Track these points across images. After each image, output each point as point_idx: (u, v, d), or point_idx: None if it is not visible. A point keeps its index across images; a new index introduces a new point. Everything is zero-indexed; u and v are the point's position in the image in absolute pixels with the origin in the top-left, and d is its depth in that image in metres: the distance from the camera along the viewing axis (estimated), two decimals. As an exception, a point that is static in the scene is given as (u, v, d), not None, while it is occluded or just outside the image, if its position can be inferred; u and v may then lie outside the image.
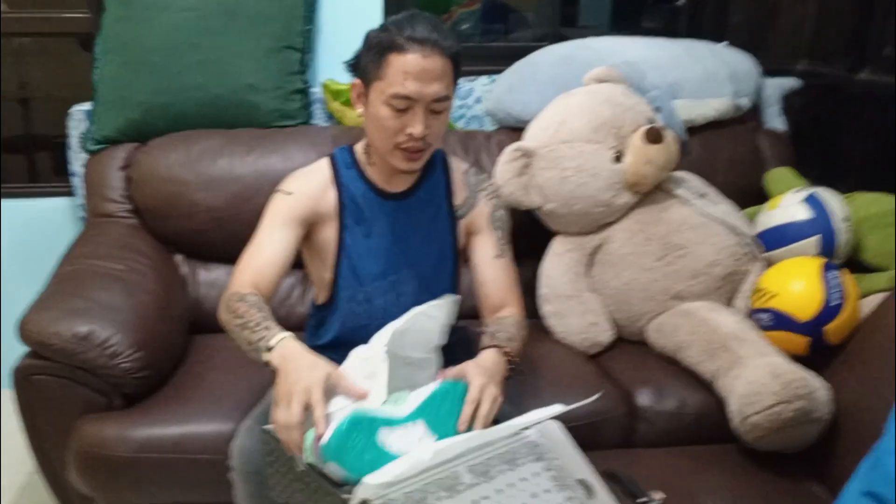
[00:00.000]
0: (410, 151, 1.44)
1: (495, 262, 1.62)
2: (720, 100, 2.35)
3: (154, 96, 2.23)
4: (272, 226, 1.51)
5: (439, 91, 1.40)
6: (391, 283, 1.57)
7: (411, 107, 1.40)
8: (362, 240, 1.55)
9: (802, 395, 1.58)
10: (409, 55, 1.37)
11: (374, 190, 1.56)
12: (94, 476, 1.66)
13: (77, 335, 1.66)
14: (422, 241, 1.58)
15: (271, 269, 1.46)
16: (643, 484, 1.56)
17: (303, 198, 1.52)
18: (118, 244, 2.04)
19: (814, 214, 1.98)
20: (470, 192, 1.62)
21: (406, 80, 1.38)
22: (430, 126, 1.43)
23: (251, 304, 1.37)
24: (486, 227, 1.62)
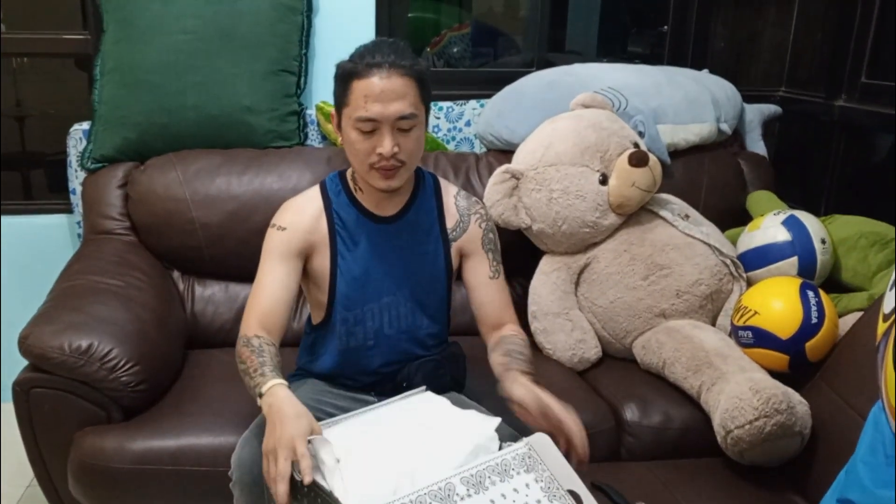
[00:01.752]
0: (385, 170, 1.48)
1: (491, 283, 1.67)
2: (702, 125, 2.42)
3: (152, 117, 2.27)
4: (271, 263, 1.54)
5: (402, 109, 1.44)
6: (385, 304, 1.61)
7: (378, 128, 1.44)
8: (355, 264, 1.58)
9: (782, 410, 1.63)
10: (368, 79, 1.43)
11: (365, 214, 1.59)
12: (93, 488, 1.69)
13: (77, 349, 1.69)
14: (414, 263, 1.61)
15: (276, 308, 1.51)
16: (629, 496, 1.61)
17: (297, 231, 1.55)
18: (116, 260, 2.07)
19: (793, 236, 2.05)
20: (461, 216, 1.65)
21: (367, 102, 1.43)
22: (400, 144, 1.46)
23: (253, 350, 1.42)
24: (479, 250, 1.66)
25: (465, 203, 1.67)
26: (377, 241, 1.59)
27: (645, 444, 1.85)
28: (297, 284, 1.56)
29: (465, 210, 1.66)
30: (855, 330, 1.77)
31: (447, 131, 2.57)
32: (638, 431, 1.86)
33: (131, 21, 2.29)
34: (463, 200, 1.67)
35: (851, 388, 1.68)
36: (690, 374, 1.86)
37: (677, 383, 1.91)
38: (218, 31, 2.31)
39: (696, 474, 1.73)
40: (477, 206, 1.69)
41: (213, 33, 2.30)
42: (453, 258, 1.65)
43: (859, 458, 1.08)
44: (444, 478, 1.22)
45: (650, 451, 1.84)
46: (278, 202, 2.14)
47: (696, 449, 1.81)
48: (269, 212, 2.13)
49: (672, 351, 1.94)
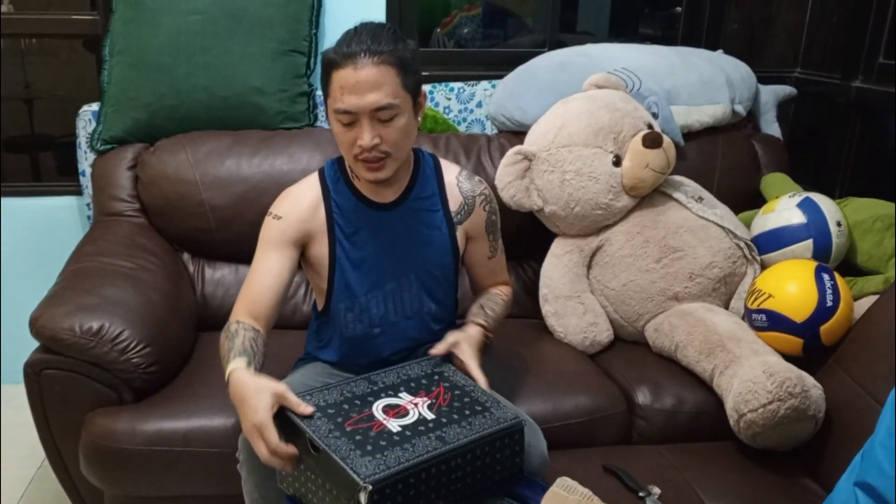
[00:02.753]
0: (368, 161, 1.44)
1: (488, 262, 1.70)
2: (716, 106, 2.40)
3: (161, 98, 2.26)
4: (265, 251, 1.53)
5: (378, 100, 1.39)
6: (389, 292, 1.59)
7: (357, 119, 1.40)
8: (354, 253, 1.56)
9: (796, 394, 1.62)
10: (343, 69, 1.38)
11: (364, 201, 1.56)
12: (104, 469, 1.69)
13: (88, 330, 1.69)
14: (418, 248, 1.59)
15: (266, 296, 1.49)
16: (641, 479, 1.60)
17: (292, 220, 1.53)
18: (126, 242, 2.07)
19: (808, 219, 2.02)
20: (465, 199, 1.62)
21: (343, 94, 1.39)
22: (382, 135, 1.42)
23: (228, 336, 1.42)
24: (482, 234, 1.66)
25: (469, 185, 1.63)
26: (377, 229, 1.56)
27: (656, 427, 1.84)
28: (290, 273, 1.54)
29: (468, 192, 1.62)
30: (871, 313, 1.76)
31: (458, 112, 2.55)
32: (650, 415, 1.85)
33: (140, 1, 2.28)
34: (466, 182, 1.63)
35: (866, 372, 1.66)
36: (703, 357, 1.85)
37: (690, 367, 1.90)
38: (227, 12, 2.29)
39: (708, 458, 1.72)
40: (480, 187, 1.65)
41: (223, 14, 2.29)
42: (460, 240, 1.63)
43: (878, 442, 1.07)
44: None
45: (662, 435, 1.83)
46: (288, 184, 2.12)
47: (708, 433, 1.81)
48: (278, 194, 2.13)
49: (685, 334, 1.92)
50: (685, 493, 1.59)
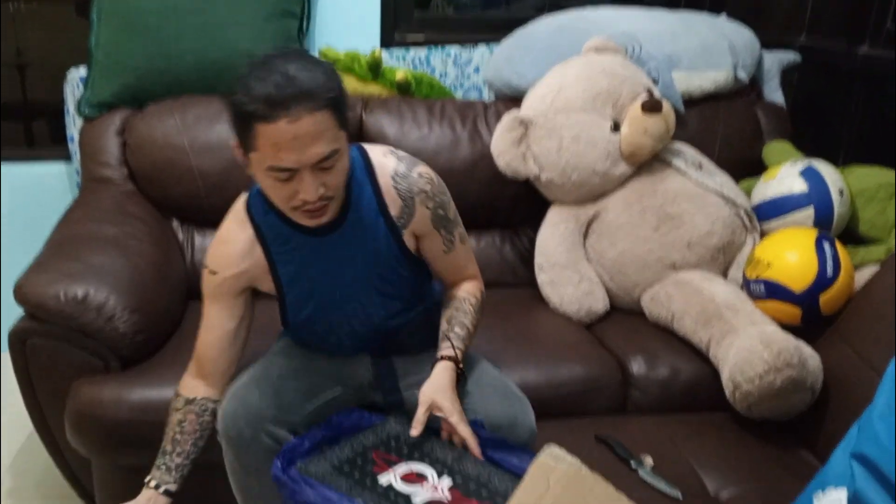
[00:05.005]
0: (311, 211, 1.29)
1: (444, 256, 1.52)
2: (718, 72, 2.35)
3: (150, 61, 2.22)
4: (207, 305, 1.48)
5: (321, 152, 1.22)
6: (351, 311, 1.49)
7: (296, 173, 1.23)
8: (303, 288, 1.46)
9: (793, 364, 1.59)
10: (275, 124, 1.18)
11: (302, 231, 1.40)
12: (91, 438, 1.67)
13: (73, 298, 1.66)
14: (368, 264, 1.45)
15: (212, 352, 1.47)
16: (634, 449, 1.58)
17: (227, 275, 1.44)
18: (114, 209, 2.03)
19: (810, 187, 1.98)
20: (404, 202, 1.43)
21: (279, 151, 1.20)
22: (325, 182, 1.26)
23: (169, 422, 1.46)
24: (430, 230, 1.48)
25: (405, 184, 1.43)
26: (322, 257, 1.43)
27: (651, 397, 1.82)
28: (238, 320, 1.48)
29: (406, 193, 1.43)
30: (872, 283, 1.73)
31: (455, 78, 2.50)
32: (644, 385, 1.82)
33: (128, -38, 2.22)
34: (402, 181, 1.43)
35: (866, 343, 1.64)
36: (699, 327, 1.82)
37: (686, 336, 1.87)
38: (218, -28, 2.23)
39: (703, 429, 1.70)
40: (420, 183, 1.44)
41: (213, -25, 2.23)
42: (408, 242, 1.47)
43: (876, 414, 1.04)
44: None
45: (656, 405, 1.81)
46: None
47: (703, 403, 1.79)
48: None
49: (681, 303, 1.89)
50: (678, 463, 1.57)
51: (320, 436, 1.39)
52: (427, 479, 1.31)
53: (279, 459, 1.31)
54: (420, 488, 1.28)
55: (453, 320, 1.50)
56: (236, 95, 1.21)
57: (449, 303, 1.54)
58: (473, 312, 1.52)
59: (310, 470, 1.30)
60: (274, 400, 1.42)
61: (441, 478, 1.31)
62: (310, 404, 1.48)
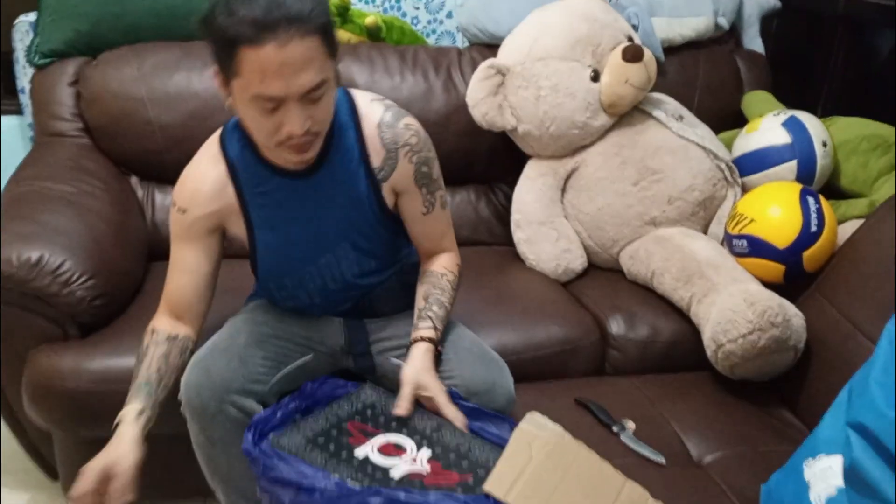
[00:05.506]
0: (296, 146, 1.23)
1: (424, 218, 1.45)
2: (700, 19, 2.28)
3: (104, 6, 2.08)
4: (177, 246, 1.40)
5: (310, 81, 1.16)
6: (324, 264, 1.43)
7: (282, 103, 1.17)
8: (276, 232, 1.39)
9: (777, 324, 1.56)
10: (262, 48, 1.11)
11: (278, 173, 1.34)
12: (50, 410, 1.59)
13: (27, 261, 1.57)
14: (345, 213, 1.40)
15: (185, 293, 1.40)
16: (614, 412, 1.55)
17: (198, 213, 1.36)
18: (69, 165, 1.93)
19: (793, 138, 1.94)
20: (388, 151, 1.37)
21: (265, 78, 1.13)
22: (312, 115, 1.20)
23: (139, 353, 1.37)
24: (412, 186, 1.41)
25: (391, 134, 1.37)
26: (297, 201, 1.37)
27: (630, 358, 1.79)
28: (209, 262, 1.41)
29: (391, 143, 1.37)
30: (855, 239, 1.69)
31: (427, 23, 2.41)
32: (623, 345, 1.79)
33: None
34: (388, 131, 1.37)
35: (850, 300, 1.61)
36: (680, 285, 1.78)
37: (666, 295, 1.83)
38: None
39: (684, 389, 1.68)
40: (406, 135, 1.38)
41: None
42: (387, 198, 1.41)
43: (873, 379, 1.00)
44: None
45: (636, 366, 1.78)
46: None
47: (683, 363, 1.76)
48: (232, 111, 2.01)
49: (661, 261, 1.85)
50: (660, 426, 1.54)
51: (293, 406, 1.33)
52: (405, 450, 1.26)
53: (249, 433, 1.24)
54: (398, 461, 1.24)
55: (430, 297, 1.44)
56: (217, 17, 1.14)
57: (425, 278, 1.48)
58: (451, 290, 1.47)
59: (282, 443, 1.25)
60: (240, 369, 1.36)
61: (420, 449, 1.27)
62: (279, 373, 1.42)
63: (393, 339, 1.51)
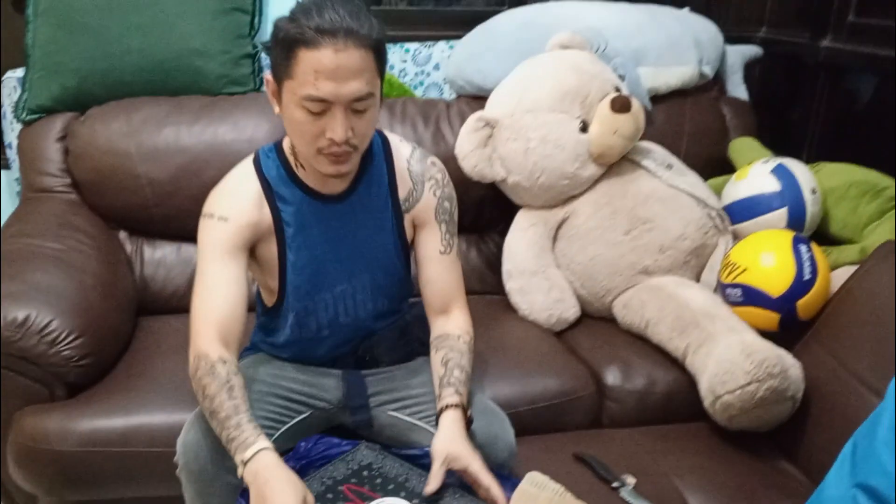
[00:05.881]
0: (335, 156, 1.27)
1: (441, 258, 1.47)
2: (684, 68, 2.30)
3: (92, 62, 2.09)
4: (218, 259, 1.34)
5: (359, 89, 1.22)
6: (339, 294, 1.44)
7: (329, 108, 1.22)
8: (304, 253, 1.40)
9: (775, 374, 1.55)
10: (319, 51, 1.19)
11: (311, 194, 1.38)
12: (36, 472, 1.56)
13: (13, 321, 1.56)
14: (369, 245, 1.44)
15: (234, 314, 1.32)
16: (614, 466, 1.52)
17: (241, 222, 1.35)
18: (57, 221, 1.92)
19: (782, 186, 1.95)
20: (414, 184, 1.44)
21: (318, 79, 1.20)
22: (354, 127, 1.25)
23: (221, 384, 1.24)
24: (432, 220, 1.46)
25: (419, 167, 1.45)
26: (327, 225, 1.40)
27: (628, 409, 1.77)
28: (246, 281, 1.37)
29: (418, 176, 1.44)
30: (849, 286, 1.69)
31: (414, 75, 2.42)
32: (620, 396, 1.77)
33: (65, -45, 2.09)
34: (417, 164, 1.45)
35: (846, 348, 1.60)
36: (675, 334, 1.77)
37: (661, 344, 1.82)
38: (162, -34, 2.12)
39: (683, 441, 1.66)
40: (433, 170, 1.46)
41: (157, -32, 2.11)
42: (407, 230, 1.47)
43: (880, 440, 0.99)
44: None
45: (633, 418, 1.76)
46: (233, 154, 2.00)
47: (681, 414, 1.74)
48: (222, 165, 1.95)
49: (655, 310, 1.84)
50: (660, 481, 1.52)
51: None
52: None
53: (243, 499, 1.22)
54: None
55: (450, 363, 1.41)
56: (281, 23, 1.23)
57: (441, 342, 1.45)
58: (469, 352, 1.45)
59: None
60: None
61: None
62: (277, 432, 1.40)
63: (391, 393, 1.50)
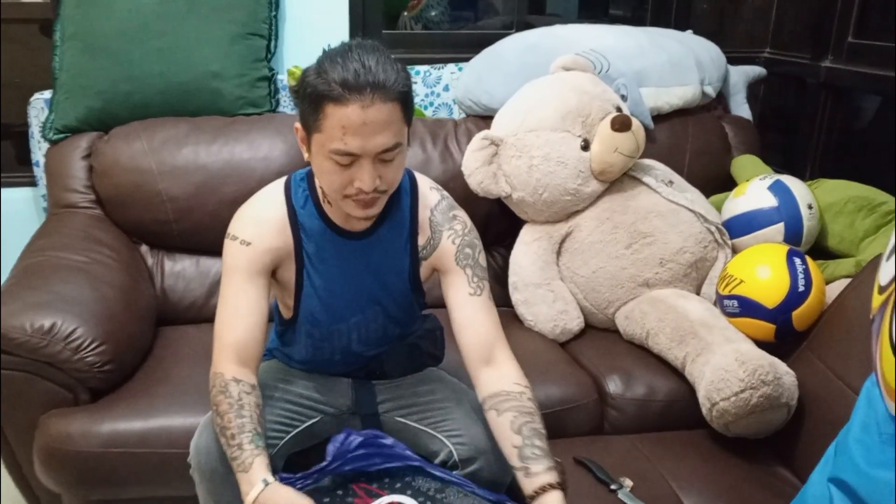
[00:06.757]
0: (363, 201, 1.29)
1: (472, 300, 1.42)
2: (686, 88, 2.36)
3: (115, 84, 2.18)
4: (239, 282, 1.36)
5: (386, 142, 1.23)
6: (354, 324, 1.48)
7: (357, 160, 1.24)
8: (321, 282, 1.43)
9: (768, 381, 1.60)
10: (347, 107, 1.19)
11: (333, 229, 1.40)
12: (60, 472, 1.63)
13: (39, 329, 1.63)
14: (385, 281, 1.46)
15: (253, 336, 1.35)
16: (612, 471, 1.57)
17: (264, 247, 1.37)
18: (81, 235, 2.00)
19: (779, 202, 2.00)
20: (433, 233, 1.44)
21: (346, 135, 1.21)
22: (382, 175, 1.26)
23: (231, 403, 1.27)
24: (454, 266, 1.43)
25: (440, 219, 1.44)
26: (345, 259, 1.42)
27: (628, 417, 1.82)
28: (267, 304, 1.39)
29: (438, 226, 1.44)
30: (843, 298, 1.74)
31: (424, 97, 2.49)
32: (621, 404, 1.82)
33: (91, -17, 2.19)
34: (440, 215, 1.44)
35: (839, 358, 1.64)
36: (675, 344, 1.82)
37: (661, 354, 1.87)
38: (183, -6, 2.21)
39: (681, 448, 1.70)
40: (453, 223, 1.44)
41: (179, -4, 2.21)
42: (423, 272, 1.47)
43: (852, 437, 1.04)
44: None
45: (634, 425, 1.81)
46: (249, 172, 2.11)
47: (680, 421, 1.79)
48: (239, 183, 2.09)
49: (656, 321, 1.89)
50: (658, 484, 1.56)
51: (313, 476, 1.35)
52: None
53: None
54: None
55: (525, 429, 1.32)
56: (309, 76, 1.23)
57: (501, 402, 1.36)
58: (537, 409, 1.37)
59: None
60: None
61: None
62: (287, 436, 1.46)
63: (398, 400, 1.55)
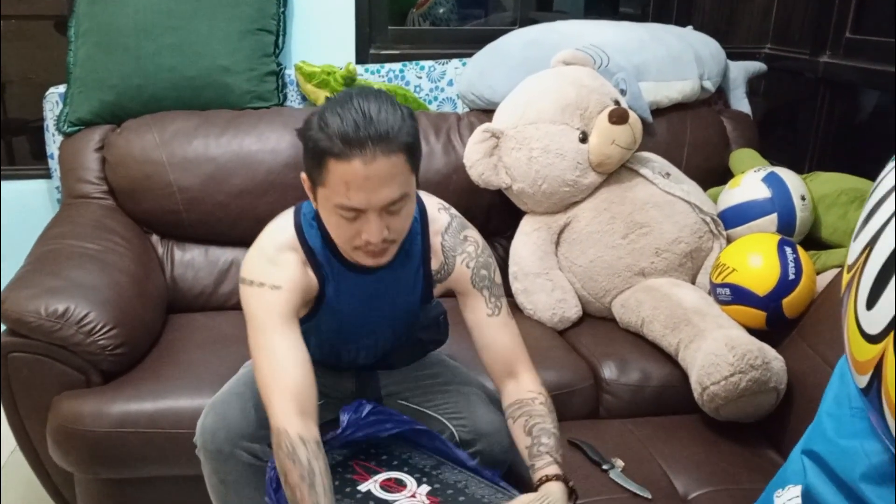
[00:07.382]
0: (372, 252, 1.28)
1: (491, 321, 1.43)
2: (685, 82, 2.40)
3: (128, 78, 2.25)
4: (279, 330, 1.30)
5: (391, 195, 1.20)
6: (364, 344, 1.51)
7: (363, 213, 1.22)
8: (335, 312, 1.42)
9: (757, 366, 1.64)
10: (349, 163, 1.16)
11: (348, 266, 1.38)
12: (72, 452, 1.69)
13: (53, 313, 1.69)
14: (395, 307, 1.46)
15: (308, 381, 1.28)
16: (606, 452, 1.62)
17: (294, 288, 1.33)
18: (94, 225, 2.06)
19: (772, 193, 2.04)
20: (446, 258, 1.43)
21: (349, 190, 1.18)
22: (390, 226, 1.25)
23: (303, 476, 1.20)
24: (471, 289, 1.43)
25: (452, 242, 1.43)
26: (359, 292, 1.41)
27: (623, 402, 1.86)
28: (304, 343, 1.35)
29: (450, 251, 1.42)
30: (832, 286, 1.78)
31: (429, 91, 2.54)
32: (616, 389, 1.87)
33: (105, -19, 2.25)
34: (450, 239, 1.43)
35: (827, 344, 1.68)
36: (669, 331, 1.87)
37: (656, 341, 1.92)
38: (193, -9, 2.27)
39: (674, 431, 1.74)
40: (465, 245, 1.43)
41: (189, -7, 2.27)
42: (436, 292, 1.48)
43: (824, 410, 1.09)
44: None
45: (628, 409, 1.85)
46: (257, 164, 2.16)
47: (673, 406, 1.83)
48: (247, 174, 2.15)
49: (651, 309, 1.94)
50: (648, 465, 1.61)
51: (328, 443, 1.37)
52: (406, 486, 1.35)
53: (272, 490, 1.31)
54: (399, 495, 1.32)
55: (534, 429, 1.36)
56: (311, 129, 1.20)
57: (516, 410, 1.40)
58: (549, 412, 1.39)
59: None
60: (254, 415, 1.41)
61: (420, 485, 1.35)
62: None
63: (400, 384, 1.59)
